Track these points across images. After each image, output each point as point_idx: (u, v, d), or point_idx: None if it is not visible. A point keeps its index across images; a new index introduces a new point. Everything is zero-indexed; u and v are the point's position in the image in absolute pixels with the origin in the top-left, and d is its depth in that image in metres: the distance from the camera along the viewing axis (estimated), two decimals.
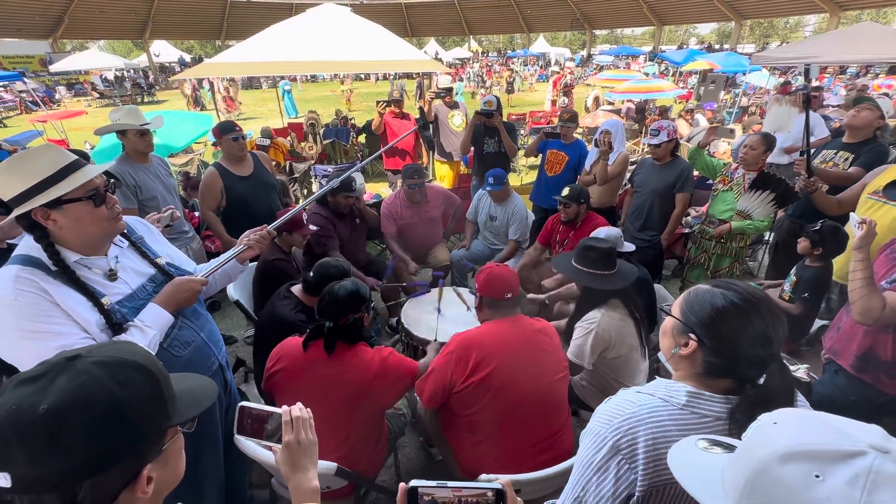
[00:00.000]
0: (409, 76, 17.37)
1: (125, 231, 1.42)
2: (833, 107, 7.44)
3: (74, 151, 1.89)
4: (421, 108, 2.69)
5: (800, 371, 2.19)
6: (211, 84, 9.03)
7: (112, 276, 1.32)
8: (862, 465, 0.47)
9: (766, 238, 3.93)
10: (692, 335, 0.90)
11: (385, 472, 2.18)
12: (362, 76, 25.71)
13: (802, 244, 2.59)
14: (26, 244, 1.23)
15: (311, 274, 2.12)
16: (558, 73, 16.50)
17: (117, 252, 1.38)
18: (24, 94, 18.07)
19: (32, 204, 1.13)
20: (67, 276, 1.21)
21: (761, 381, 0.88)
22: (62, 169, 1.16)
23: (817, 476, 0.48)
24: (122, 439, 0.57)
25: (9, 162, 1.17)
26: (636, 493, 0.86)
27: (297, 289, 2.22)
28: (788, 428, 0.54)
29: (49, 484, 0.53)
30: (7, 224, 1.68)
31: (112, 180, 1.32)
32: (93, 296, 1.24)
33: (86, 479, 0.54)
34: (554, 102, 12.56)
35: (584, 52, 32.56)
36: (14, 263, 1.19)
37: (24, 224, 1.19)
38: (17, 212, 1.14)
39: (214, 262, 1.61)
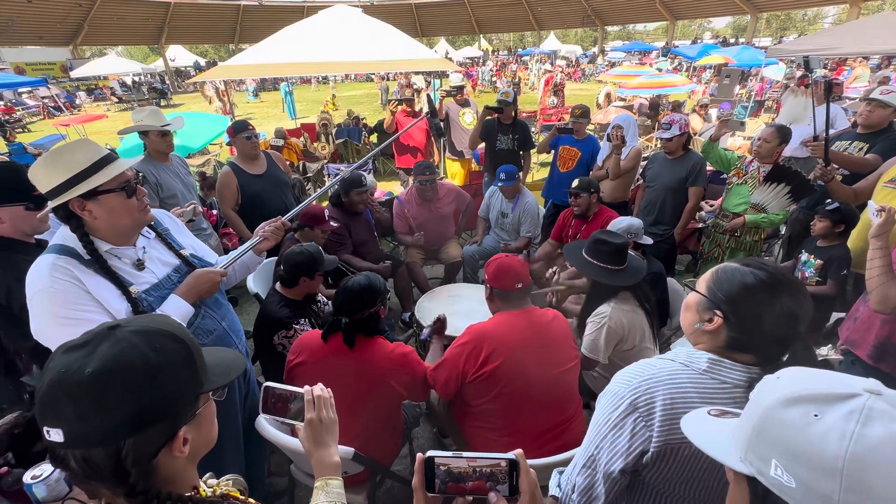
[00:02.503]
0: (386, 77, 17.58)
1: (152, 223, 1.48)
2: (851, 99, 7.27)
3: None
4: (428, 96, 2.72)
5: (826, 351, 2.18)
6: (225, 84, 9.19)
7: (140, 265, 1.38)
8: (857, 404, 0.50)
9: (782, 232, 3.87)
10: (717, 311, 0.92)
11: (399, 462, 2.21)
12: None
13: (821, 224, 2.56)
14: (61, 234, 1.29)
15: (281, 268, 2.17)
16: (549, 71, 16.35)
17: (145, 243, 1.43)
18: (46, 100, 18.62)
19: (71, 195, 1.18)
20: (100, 265, 1.27)
21: (784, 359, 0.90)
22: (97, 162, 1.22)
23: (816, 415, 0.52)
24: (159, 401, 0.62)
25: (46, 156, 1.23)
26: (651, 450, 0.88)
27: (278, 285, 2.27)
28: (790, 380, 0.58)
29: (96, 440, 0.59)
30: (40, 218, 1.75)
31: (140, 174, 1.38)
32: (122, 284, 1.30)
33: (128, 436, 0.60)
34: (545, 101, 12.37)
35: (595, 49, 32.27)
36: (51, 252, 1.26)
37: (61, 215, 1.24)
38: (54, 202, 1.20)
39: (233, 253, 1.67)
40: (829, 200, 2.58)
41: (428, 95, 2.79)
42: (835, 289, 2.54)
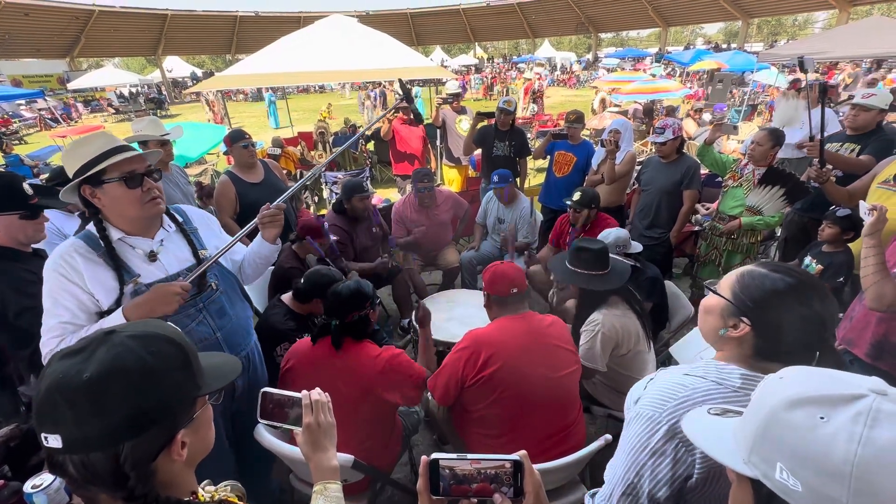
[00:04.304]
0: (362, 86, 17.79)
1: (180, 219, 1.51)
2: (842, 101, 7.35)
3: None
4: (401, 81, 2.70)
5: None
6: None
7: (152, 257, 1.41)
8: (863, 405, 0.49)
9: (778, 234, 3.90)
10: (745, 319, 0.89)
11: (399, 470, 2.20)
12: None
13: (829, 231, 2.54)
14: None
15: (302, 282, 2.14)
16: (529, 79, 16.50)
17: (164, 235, 1.46)
18: (43, 112, 18.63)
19: (77, 181, 1.27)
20: (107, 250, 1.34)
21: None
22: (107, 151, 1.28)
23: (822, 418, 0.50)
24: (157, 404, 0.62)
25: (70, 145, 1.34)
26: (695, 475, 0.85)
27: (286, 297, 2.23)
28: (793, 380, 0.57)
29: (94, 444, 0.58)
30: (32, 228, 1.75)
31: (158, 169, 1.42)
32: (121, 276, 1.35)
33: (127, 439, 0.59)
34: (525, 110, 12.35)
35: (589, 56, 32.57)
36: (76, 236, 1.37)
37: (82, 201, 1.33)
38: (66, 188, 1.29)
39: (200, 267, 1.49)
40: (835, 207, 2.58)
41: (400, 80, 2.71)
42: None
